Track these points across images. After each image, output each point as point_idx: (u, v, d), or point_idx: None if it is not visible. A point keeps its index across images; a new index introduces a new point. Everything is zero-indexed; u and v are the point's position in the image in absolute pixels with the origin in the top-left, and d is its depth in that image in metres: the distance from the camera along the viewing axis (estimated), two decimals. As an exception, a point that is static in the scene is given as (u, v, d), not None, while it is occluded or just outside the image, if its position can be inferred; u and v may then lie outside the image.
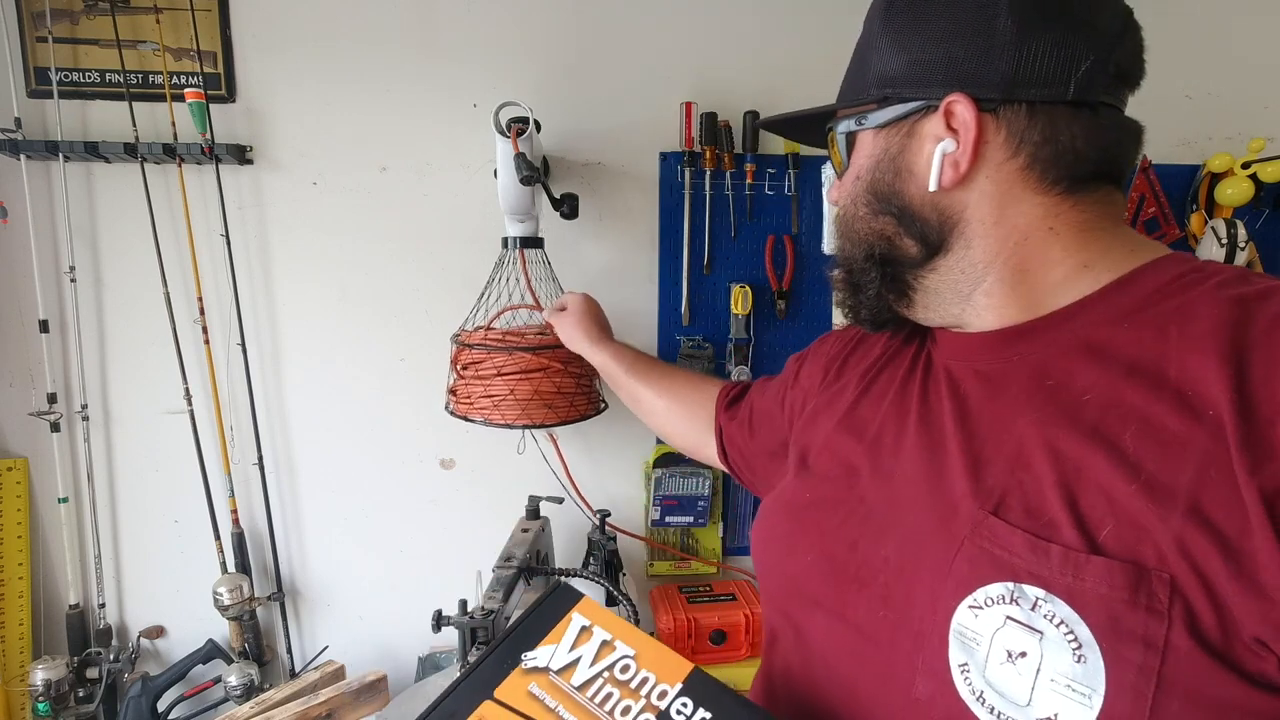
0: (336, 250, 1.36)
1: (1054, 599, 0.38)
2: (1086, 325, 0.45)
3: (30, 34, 1.26)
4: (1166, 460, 0.37)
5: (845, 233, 0.56)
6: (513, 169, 1.10)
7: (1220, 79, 1.41)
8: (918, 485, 0.49)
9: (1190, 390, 0.38)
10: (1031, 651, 0.38)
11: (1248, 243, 1.33)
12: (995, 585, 0.40)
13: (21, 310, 1.30)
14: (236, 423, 1.37)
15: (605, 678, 0.47)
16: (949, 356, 0.54)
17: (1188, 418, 0.37)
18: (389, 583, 1.46)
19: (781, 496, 0.63)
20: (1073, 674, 0.37)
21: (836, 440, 0.59)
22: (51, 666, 1.23)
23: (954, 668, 0.41)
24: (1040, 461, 0.42)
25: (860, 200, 0.54)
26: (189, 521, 1.37)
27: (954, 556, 0.43)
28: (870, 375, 0.61)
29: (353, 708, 1.06)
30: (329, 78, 1.31)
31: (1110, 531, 0.38)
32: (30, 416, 1.31)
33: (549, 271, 1.26)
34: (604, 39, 1.34)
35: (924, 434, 0.51)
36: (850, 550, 0.51)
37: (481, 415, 1.16)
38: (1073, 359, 0.45)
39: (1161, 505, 0.36)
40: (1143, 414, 0.39)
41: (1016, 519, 0.41)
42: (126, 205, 1.29)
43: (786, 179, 1.39)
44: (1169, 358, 0.40)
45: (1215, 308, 0.40)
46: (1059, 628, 0.37)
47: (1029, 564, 0.39)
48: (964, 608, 0.41)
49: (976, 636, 0.40)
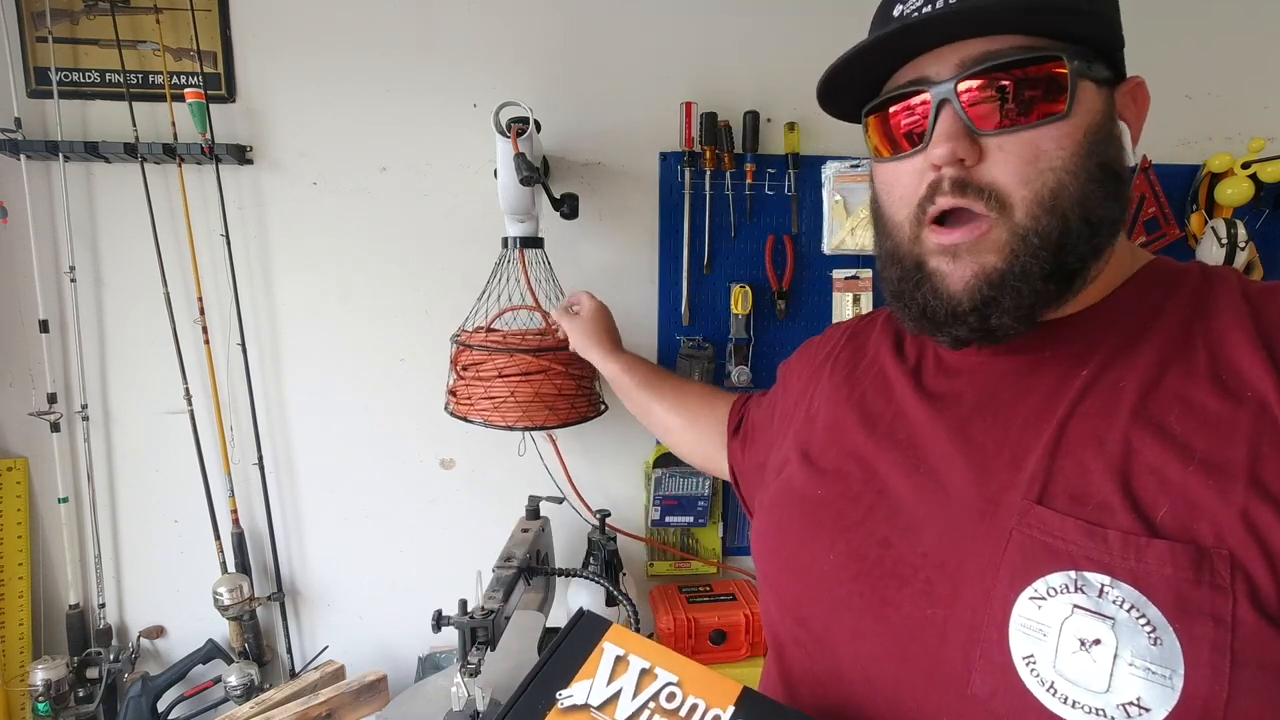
0: (336, 250, 1.36)
1: (1120, 584, 0.38)
2: (1112, 320, 0.47)
3: (30, 34, 1.26)
4: (1217, 440, 0.39)
5: (1052, 205, 0.44)
6: (513, 169, 1.10)
7: (1220, 79, 1.41)
8: (950, 479, 0.48)
9: (1226, 375, 0.40)
10: (1105, 638, 0.38)
11: (1248, 243, 1.33)
12: (1056, 575, 0.40)
13: (21, 310, 1.30)
14: (236, 423, 1.37)
15: (652, 709, 0.44)
16: (970, 351, 0.52)
17: (1229, 400, 0.40)
18: (389, 583, 1.46)
19: (787, 491, 0.59)
20: (1151, 656, 0.37)
21: (844, 435, 0.57)
22: (51, 666, 1.23)
23: (1018, 661, 0.40)
24: (1083, 448, 0.42)
25: (1082, 164, 0.44)
26: (189, 521, 1.37)
27: (1004, 549, 0.42)
28: (874, 371, 0.59)
29: (353, 708, 1.07)
30: (329, 78, 1.31)
31: (1167, 512, 0.38)
32: (30, 416, 1.31)
33: (549, 271, 1.26)
34: (604, 39, 1.34)
35: (951, 428, 0.49)
36: (883, 547, 0.49)
37: (481, 417, 1.16)
38: (1103, 352, 0.46)
39: (1220, 482, 0.38)
40: (1184, 399, 0.41)
41: (1064, 506, 0.41)
42: (126, 205, 1.29)
43: (786, 179, 1.39)
44: (1196, 347, 0.42)
45: (1234, 303, 0.43)
46: (1129, 612, 0.38)
47: (1086, 550, 0.39)
48: (1024, 599, 0.40)
49: (1042, 627, 0.39)
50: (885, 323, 0.64)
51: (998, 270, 0.44)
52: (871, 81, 0.50)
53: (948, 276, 0.46)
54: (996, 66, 0.43)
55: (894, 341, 0.60)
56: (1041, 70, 0.43)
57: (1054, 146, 0.43)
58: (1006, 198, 0.44)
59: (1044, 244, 0.43)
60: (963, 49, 0.45)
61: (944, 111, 0.44)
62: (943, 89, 0.45)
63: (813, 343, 0.72)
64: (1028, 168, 0.43)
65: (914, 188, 0.47)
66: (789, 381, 0.73)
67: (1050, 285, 0.45)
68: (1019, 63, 0.43)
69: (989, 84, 0.44)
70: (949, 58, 0.45)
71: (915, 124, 0.47)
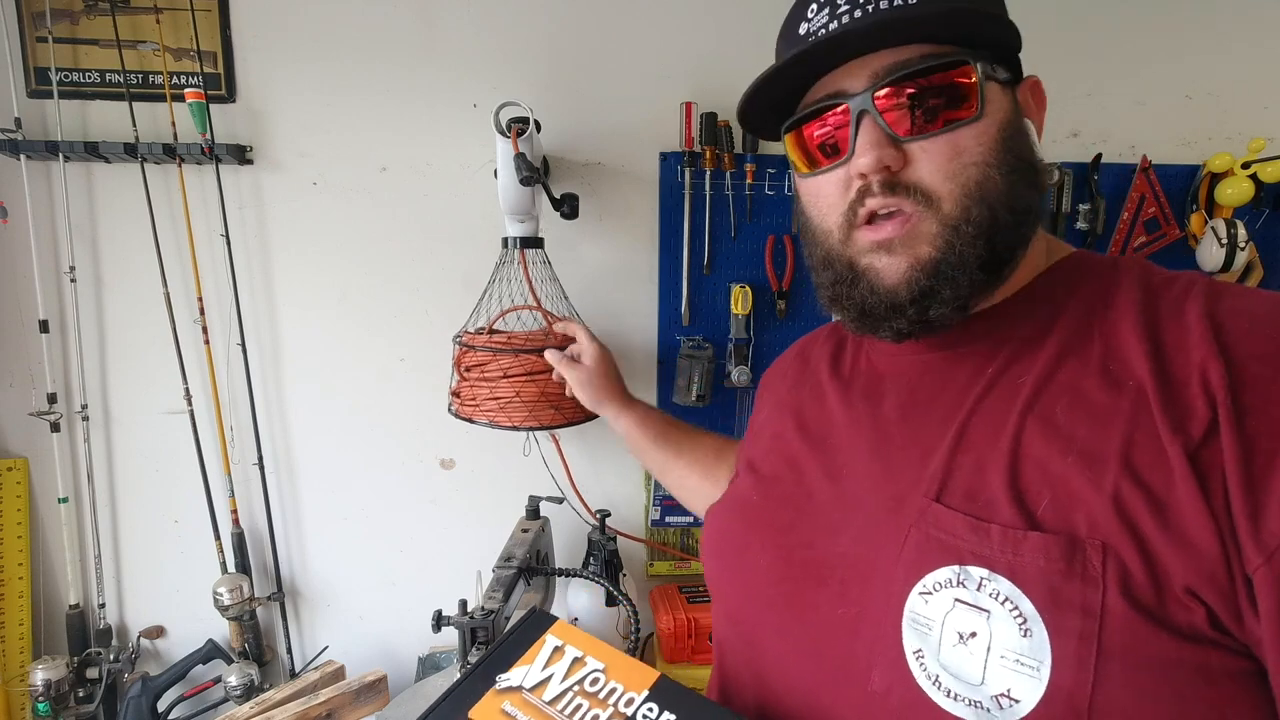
0: (336, 250, 1.36)
1: (997, 577, 0.39)
2: (1024, 313, 0.49)
3: (30, 34, 1.26)
4: (1096, 428, 0.40)
5: (979, 196, 0.45)
6: (513, 169, 1.10)
7: (1220, 79, 1.41)
8: (865, 480, 0.50)
9: (1114, 365, 0.42)
10: (981, 631, 0.39)
11: (1248, 243, 1.33)
12: (943, 570, 0.41)
13: (21, 310, 1.30)
14: (236, 423, 1.37)
15: (575, 691, 0.49)
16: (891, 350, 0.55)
17: (1113, 389, 0.41)
18: (389, 583, 1.46)
19: (732, 498, 0.62)
20: (1020, 649, 0.37)
21: (783, 443, 0.59)
22: (51, 666, 1.23)
23: (909, 655, 0.41)
24: (981, 444, 0.44)
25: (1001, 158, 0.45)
26: (189, 521, 1.37)
27: (902, 545, 0.44)
28: (812, 381, 0.62)
29: (353, 708, 1.07)
30: (329, 78, 1.31)
31: (1048, 504, 0.40)
32: (30, 416, 1.31)
33: (549, 272, 1.26)
34: (604, 39, 1.34)
35: (872, 430, 0.52)
36: (808, 549, 0.51)
37: (487, 418, 1.15)
38: (1011, 346, 0.48)
39: (1095, 470, 0.39)
40: (1073, 390, 0.43)
41: (957, 503, 0.43)
42: (126, 205, 1.29)
43: (786, 179, 1.39)
44: (1093, 339, 0.44)
45: (1129, 293, 0.45)
46: (1004, 605, 0.38)
47: (971, 545, 0.41)
48: (915, 595, 0.42)
49: (929, 621, 0.41)
50: (828, 335, 0.67)
51: (932, 260, 0.45)
52: (790, 99, 0.52)
53: (882, 271, 0.47)
54: (909, 75, 0.45)
55: (832, 351, 0.63)
56: (951, 76, 0.45)
57: (973, 144, 0.45)
58: (934, 193, 0.45)
59: (977, 232, 0.44)
60: (874, 61, 0.46)
61: (864, 122, 0.45)
62: (860, 100, 0.46)
63: (777, 361, 0.76)
64: (951, 164, 0.45)
65: (840, 196, 0.48)
66: (759, 403, 0.75)
67: (983, 274, 0.46)
68: (930, 70, 0.45)
69: (904, 93, 0.45)
70: (861, 71, 0.46)
71: (835, 136, 0.48)
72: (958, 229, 0.44)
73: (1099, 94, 1.40)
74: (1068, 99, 1.40)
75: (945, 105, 0.45)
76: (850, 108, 0.46)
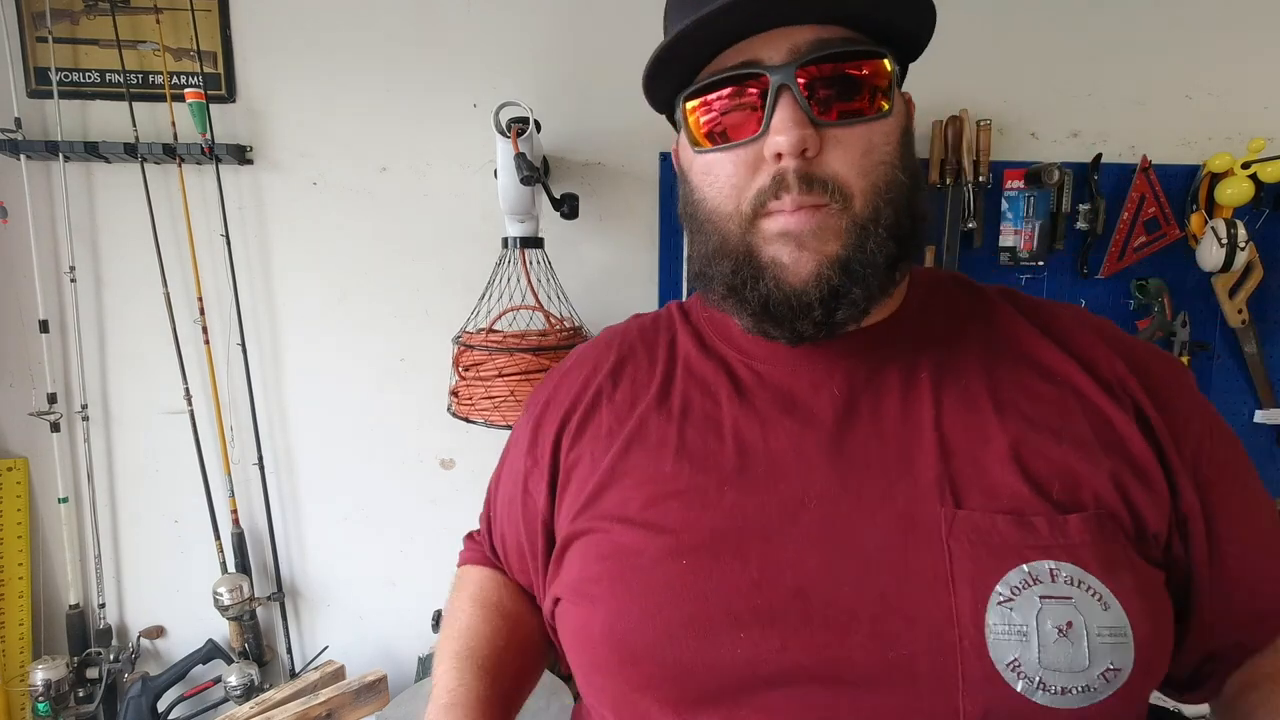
0: (336, 250, 1.36)
1: (1063, 564, 0.40)
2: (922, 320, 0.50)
3: (30, 34, 1.26)
4: (1065, 419, 0.45)
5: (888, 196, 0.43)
6: (513, 169, 1.10)
7: (1220, 79, 1.41)
8: (848, 503, 0.44)
9: (1040, 370, 0.47)
10: (1074, 618, 0.39)
11: (1248, 243, 1.33)
12: (1011, 573, 0.40)
13: (21, 310, 1.30)
14: (236, 423, 1.37)
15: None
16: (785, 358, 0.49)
17: (1055, 387, 0.46)
18: (389, 583, 1.46)
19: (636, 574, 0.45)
20: (1107, 622, 0.39)
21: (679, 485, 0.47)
22: (51, 666, 1.23)
23: (1002, 669, 0.38)
24: (968, 446, 0.44)
25: (903, 161, 0.44)
26: (189, 521, 1.37)
27: (948, 561, 0.40)
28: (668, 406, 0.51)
29: (353, 708, 1.06)
30: (329, 78, 1.31)
31: (1059, 488, 0.42)
32: (30, 416, 1.31)
33: (549, 271, 1.26)
34: (604, 39, 1.34)
35: (822, 451, 0.45)
36: (802, 600, 0.42)
37: (482, 417, 1.16)
38: (930, 354, 0.48)
39: (1088, 453, 0.43)
40: (1024, 389, 0.46)
41: (983, 504, 0.42)
42: (126, 205, 1.29)
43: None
44: (1004, 350, 0.48)
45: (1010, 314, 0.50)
46: (1079, 587, 0.40)
47: (1025, 541, 0.40)
48: (994, 607, 0.39)
49: (1020, 628, 0.39)
50: (626, 348, 0.56)
51: (841, 258, 0.43)
52: (691, 69, 0.47)
53: (788, 267, 0.43)
54: (832, 56, 0.42)
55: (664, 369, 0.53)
56: (872, 67, 0.43)
57: (882, 141, 0.43)
58: (847, 189, 0.42)
59: (888, 233, 0.43)
60: (795, 34, 0.42)
61: (783, 97, 0.41)
62: (782, 74, 0.41)
63: (534, 402, 0.60)
64: (864, 160, 0.42)
65: (745, 177, 0.44)
66: (537, 454, 0.56)
67: (890, 274, 0.44)
68: (853, 55, 0.42)
69: (824, 74, 0.42)
70: (781, 42, 0.42)
71: (745, 109, 0.43)
72: (866, 227, 0.43)
73: (1099, 94, 1.40)
74: (1068, 99, 1.39)
75: (861, 96, 0.43)
76: (770, 80, 0.42)
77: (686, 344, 0.55)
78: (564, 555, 0.51)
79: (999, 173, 1.38)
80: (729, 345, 0.53)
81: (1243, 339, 1.43)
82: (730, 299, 0.46)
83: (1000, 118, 1.37)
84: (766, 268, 0.44)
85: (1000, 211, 1.39)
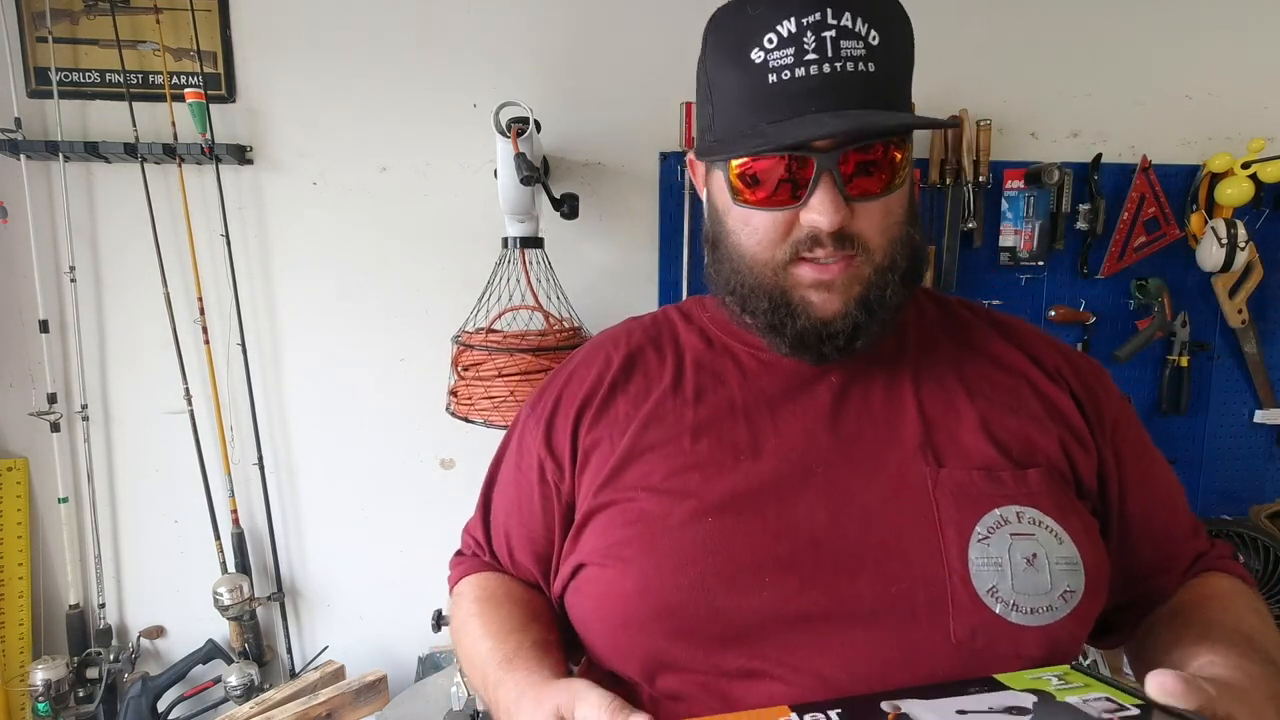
0: (336, 250, 1.36)
1: (1026, 509, 0.50)
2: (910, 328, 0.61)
3: (30, 34, 1.26)
4: (1020, 398, 0.56)
5: (901, 248, 0.53)
6: (513, 169, 1.10)
7: (1220, 79, 1.41)
8: (845, 470, 0.54)
9: (1001, 365, 0.59)
10: (1038, 550, 0.49)
11: (1248, 243, 1.33)
12: (986, 516, 0.50)
13: (21, 310, 1.31)
14: (236, 423, 1.37)
15: None
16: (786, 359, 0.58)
17: (1010, 377, 0.58)
18: (389, 583, 1.46)
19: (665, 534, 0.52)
20: (1064, 553, 0.49)
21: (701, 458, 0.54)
22: (51, 666, 1.23)
23: (984, 596, 0.48)
24: (945, 419, 0.55)
25: (911, 217, 0.55)
26: (189, 521, 1.37)
27: (935, 510, 0.51)
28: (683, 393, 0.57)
29: (353, 708, 1.07)
30: (329, 78, 1.31)
31: (1018, 450, 0.53)
32: (30, 416, 1.31)
33: (549, 271, 1.26)
34: (604, 39, 1.34)
35: (826, 430, 0.55)
36: (815, 549, 0.50)
37: (482, 416, 1.16)
38: (909, 355, 0.59)
39: (1037, 423, 0.55)
40: (985, 378, 0.57)
41: (959, 463, 0.53)
42: (126, 205, 1.29)
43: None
44: (971, 350, 0.60)
45: (973, 323, 0.62)
46: (1040, 526, 0.50)
47: (996, 491, 0.51)
48: (975, 544, 0.49)
49: (997, 559, 0.49)
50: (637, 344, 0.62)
51: (864, 299, 0.53)
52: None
53: (820, 306, 0.53)
54: (868, 146, 0.50)
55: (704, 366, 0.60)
56: (897, 151, 0.52)
57: (897, 206, 0.53)
58: (869, 244, 0.52)
59: (901, 279, 0.53)
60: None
61: (824, 179, 0.49)
62: (826, 159, 0.49)
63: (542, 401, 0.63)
64: (884, 221, 0.52)
65: (780, 233, 0.52)
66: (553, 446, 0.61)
67: (899, 310, 0.55)
68: (884, 143, 0.51)
69: (860, 159, 0.51)
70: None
71: (788, 181, 0.51)
72: (884, 273, 0.53)
73: (1099, 94, 1.40)
74: (1068, 99, 1.40)
75: (886, 173, 0.51)
76: (816, 163, 0.49)
77: (693, 341, 0.63)
78: (584, 528, 0.56)
79: (999, 173, 1.38)
80: (736, 339, 0.61)
81: (1243, 339, 1.43)
82: (770, 333, 0.55)
83: (1000, 118, 1.37)
84: (798, 305, 0.53)
85: (1000, 211, 1.40)
